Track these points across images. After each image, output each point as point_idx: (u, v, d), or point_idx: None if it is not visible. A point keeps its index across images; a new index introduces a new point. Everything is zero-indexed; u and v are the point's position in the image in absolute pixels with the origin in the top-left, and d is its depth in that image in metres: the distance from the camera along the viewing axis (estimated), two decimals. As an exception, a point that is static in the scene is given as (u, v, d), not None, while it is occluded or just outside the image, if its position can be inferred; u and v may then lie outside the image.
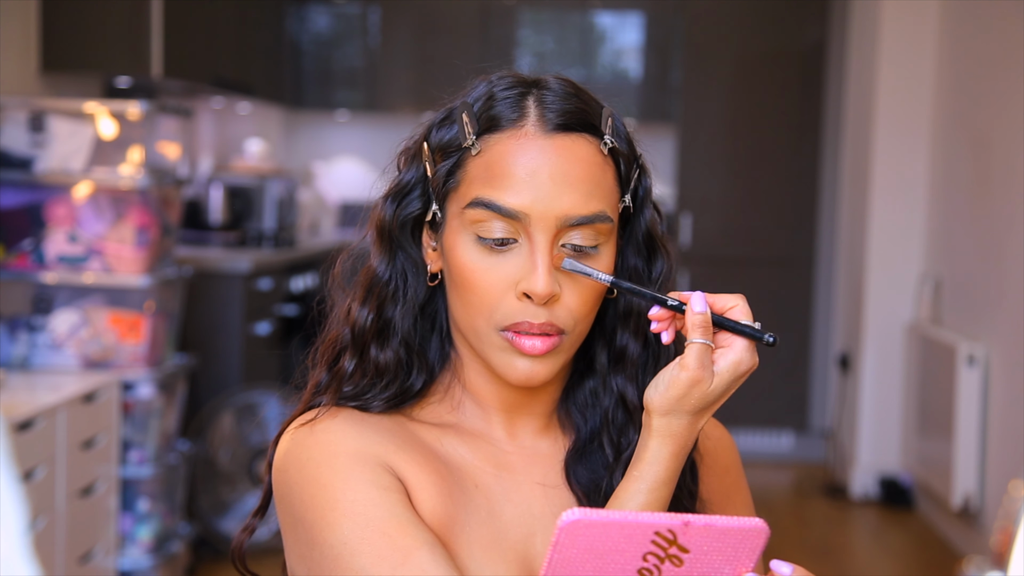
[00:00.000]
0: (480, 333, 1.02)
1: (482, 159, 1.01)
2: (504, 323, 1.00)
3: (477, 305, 1.01)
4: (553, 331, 1.00)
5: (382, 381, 1.06)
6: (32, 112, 3.27)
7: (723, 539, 0.86)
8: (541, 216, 0.99)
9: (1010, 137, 3.87)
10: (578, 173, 1.00)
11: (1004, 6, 3.98)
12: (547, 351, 1.00)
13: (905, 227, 4.75)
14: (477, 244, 1.00)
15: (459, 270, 1.01)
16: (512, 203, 0.99)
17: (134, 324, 3.30)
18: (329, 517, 0.97)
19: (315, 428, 1.03)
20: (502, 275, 1.00)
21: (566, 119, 1.01)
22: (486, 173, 1.00)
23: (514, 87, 1.03)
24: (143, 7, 3.76)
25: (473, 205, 1.00)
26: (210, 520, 3.82)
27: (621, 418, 1.08)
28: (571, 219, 0.99)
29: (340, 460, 0.99)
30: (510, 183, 0.99)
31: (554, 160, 0.99)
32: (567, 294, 1.00)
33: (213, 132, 5.44)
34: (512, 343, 1.00)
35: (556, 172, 0.99)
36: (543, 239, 0.99)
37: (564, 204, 0.99)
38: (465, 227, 1.01)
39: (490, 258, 1.00)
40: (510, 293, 1.00)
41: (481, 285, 1.00)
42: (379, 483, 0.98)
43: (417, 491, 1.00)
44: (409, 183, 1.06)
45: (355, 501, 0.97)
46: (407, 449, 1.02)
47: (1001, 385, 3.91)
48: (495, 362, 1.02)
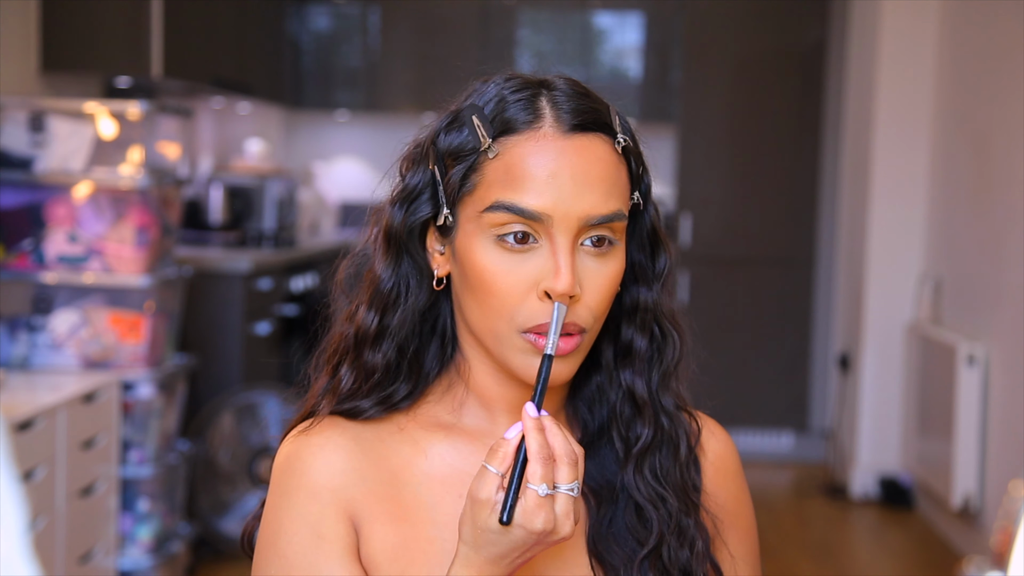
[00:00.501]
0: (500, 336, 1.02)
1: (500, 162, 1.01)
2: (527, 325, 1.00)
3: (498, 308, 1.01)
4: (575, 330, 1.01)
5: (368, 384, 1.07)
6: (32, 112, 3.27)
7: None
8: (564, 217, 0.99)
9: (1010, 137, 3.87)
10: (597, 172, 1.00)
11: (1004, 6, 3.98)
12: (570, 351, 1.01)
13: (905, 227, 4.75)
14: (496, 246, 1.00)
15: (478, 273, 1.01)
16: (534, 205, 0.99)
17: (134, 324, 3.30)
18: (269, 552, 1.05)
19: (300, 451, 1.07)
20: (522, 276, 1.00)
21: (582, 119, 1.01)
22: (505, 176, 1.00)
23: (524, 88, 1.03)
24: (143, 7, 3.77)
25: (494, 208, 1.00)
26: (210, 520, 3.82)
27: (628, 412, 1.09)
28: (592, 219, 1.00)
29: (300, 494, 1.05)
30: (531, 185, 0.99)
31: (574, 160, 1.00)
32: (587, 293, 1.01)
33: (213, 132, 5.44)
34: (535, 344, 1.01)
35: (577, 172, 0.99)
36: (565, 239, 0.99)
37: (585, 204, 0.99)
38: (483, 230, 1.01)
39: (510, 260, 1.00)
40: (531, 294, 1.00)
41: (502, 287, 1.00)
42: (319, 530, 1.03)
43: (368, 523, 1.04)
44: (417, 187, 1.06)
45: (290, 544, 1.03)
46: (371, 480, 1.06)
47: (1001, 385, 3.91)
48: (515, 364, 1.02)
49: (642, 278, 1.09)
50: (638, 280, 1.09)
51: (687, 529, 1.07)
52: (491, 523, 0.93)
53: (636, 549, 1.06)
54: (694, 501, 1.08)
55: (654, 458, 1.08)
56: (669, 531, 1.06)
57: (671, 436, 1.09)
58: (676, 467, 1.09)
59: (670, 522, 1.06)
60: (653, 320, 1.09)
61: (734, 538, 1.13)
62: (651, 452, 1.08)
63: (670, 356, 1.09)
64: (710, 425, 1.16)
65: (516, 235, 0.99)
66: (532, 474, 0.92)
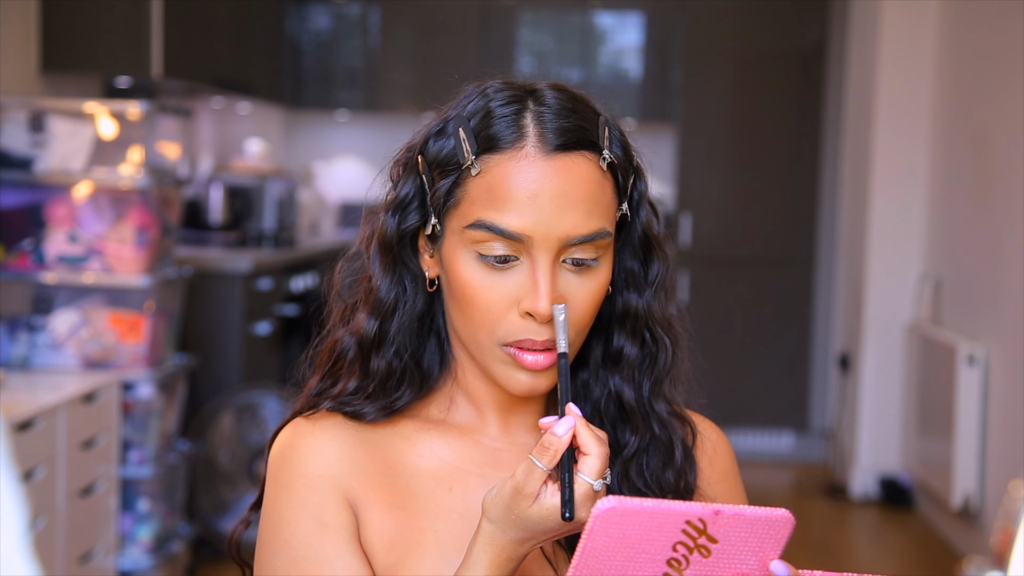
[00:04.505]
0: (482, 346, 1.03)
1: (483, 180, 1.01)
2: (507, 339, 1.02)
3: (479, 321, 1.02)
4: (555, 346, 1.01)
5: (370, 389, 1.08)
6: (32, 112, 3.27)
7: (751, 529, 0.87)
8: (544, 237, 1.00)
9: (1010, 137, 3.87)
10: (579, 193, 1.01)
11: (1004, 6, 3.98)
12: (549, 365, 1.02)
13: (905, 227, 4.75)
14: (478, 262, 1.01)
15: (460, 286, 1.03)
16: (514, 225, 0.99)
17: (134, 324, 3.30)
18: (274, 544, 1.04)
19: (299, 439, 1.07)
20: (503, 293, 1.01)
21: (565, 138, 1.01)
22: (487, 195, 1.01)
23: (511, 103, 1.03)
24: (143, 7, 3.77)
25: (475, 227, 1.01)
26: (210, 520, 3.82)
27: (613, 410, 1.10)
28: (572, 239, 1.00)
29: (298, 484, 1.05)
30: (512, 206, 1.00)
31: (555, 182, 1.00)
32: (569, 308, 1.01)
33: (213, 132, 5.44)
34: (515, 358, 1.02)
35: (557, 194, 1.00)
36: (545, 259, 1.00)
37: (566, 225, 1.00)
38: (466, 245, 1.02)
39: (492, 276, 1.01)
40: (513, 310, 1.01)
41: (483, 302, 1.01)
42: (320, 517, 1.03)
43: (366, 510, 1.05)
44: (408, 196, 1.07)
45: (294, 535, 1.04)
46: (367, 469, 1.06)
47: (1001, 385, 3.91)
48: (496, 374, 1.04)
49: (634, 285, 1.09)
50: (629, 286, 1.09)
51: None
52: (531, 512, 0.94)
53: None
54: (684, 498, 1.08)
55: (641, 462, 1.09)
56: None
57: (662, 441, 1.09)
58: (670, 472, 1.09)
59: None
60: (644, 327, 1.09)
61: None
62: (638, 457, 1.09)
63: (662, 362, 1.09)
64: (707, 426, 1.17)
65: (497, 257, 1.00)
66: (590, 469, 0.93)
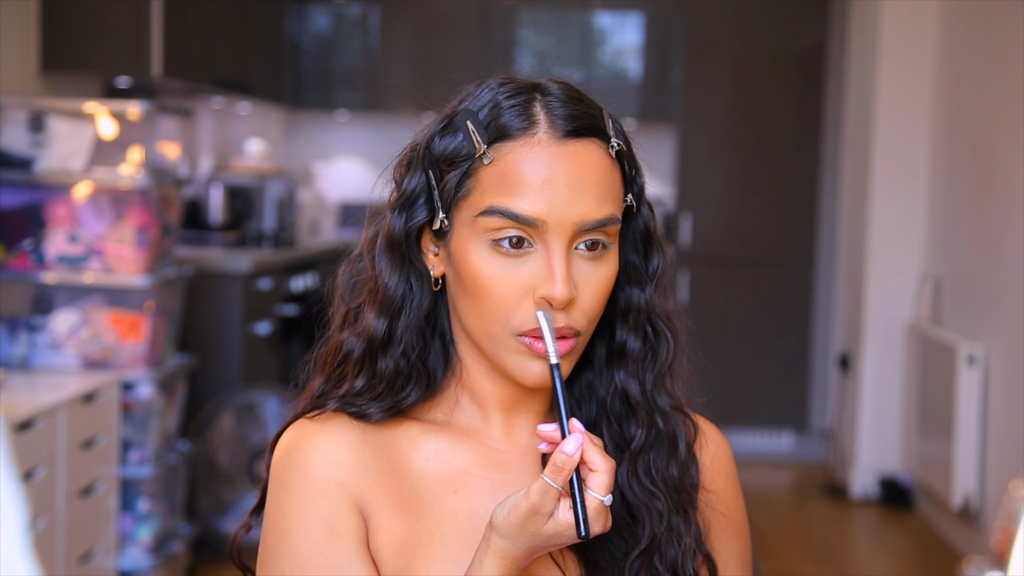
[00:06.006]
0: (496, 338, 1.03)
1: (495, 168, 1.02)
2: (522, 328, 1.02)
3: (493, 311, 1.02)
4: (570, 333, 1.02)
5: (378, 389, 1.08)
6: (32, 112, 3.27)
7: None
8: (558, 222, 1.00)
9: (1010, 137, 3.87)
10: (591, 178, 1.01)
11: (1004, 6, 3.98)
12: (564, 353, 1.02)
13: (905, 227, 4.75)
14: (491, 250, 1.01)
15: (473, 277, 1.02)
16: (529, 210, 1.00)
17: (134, 324, 3.30)
18: (281, 549, 1.03)
19: (306, 440, 1.06)
20: (518, 281, 1.01)
21: (576, 125, 1.02)
22: (500, 181, 1.01)
23: (518, 94, 1.04)
24: (143, 7, 3.77)
25: (488, 213, 1.01)
26: (210, 520, 3.82)
27: (619, 407, 1.10)
28: (586, 224, 1.01)
29: (306, 489, 1.04)
30: (526, 191, 1.00)
31: (569, 167, 1.01)
32: (582, 296, 1.02)
33: (213, 132, 5.44)
34: (531, 347, 1.02)
35: (571, 179, 1.01)
36: (560, 245, 1.00)
37: (580, 210, 1.00)
38: (478, 234, 1.02)
39: (505, 264, 1.01)
40: (527, 299, 1.01)
41: (498, 291, 1.01)
42: (330, 523, 1.03)
43: (376, 514, 1.04)
44: (414, 192, 1.07)
45: (303, 540, 1.03)
46: (375, 471, 1.06)
47: (1001, 385, 3.91)
48: (510, 366, 1.04)
49: (635, 279, 1.10)
50: (631, 281, 1.10)
51: (679, 529, 1.07)
52: (546, 529, 0.96)
53: (626, 549, 1.06)
54: (691, 500, 1.09)
55: (648, 458, 1.09)
56: (661, 531, 1.06)
57: (667, 436, 1.10)
58: (673, 466, 1.09)
59: (662, 522, 1.07)
60: (646, 320, 1.10)
61: (727, 539, 1.13)
62: (645, 452, 1.09)
63: (664, 356, 1.10)
64: (706, 426, 1.17)
65: (511, 239, 1.01)
66: (599, 486, 0.95)
